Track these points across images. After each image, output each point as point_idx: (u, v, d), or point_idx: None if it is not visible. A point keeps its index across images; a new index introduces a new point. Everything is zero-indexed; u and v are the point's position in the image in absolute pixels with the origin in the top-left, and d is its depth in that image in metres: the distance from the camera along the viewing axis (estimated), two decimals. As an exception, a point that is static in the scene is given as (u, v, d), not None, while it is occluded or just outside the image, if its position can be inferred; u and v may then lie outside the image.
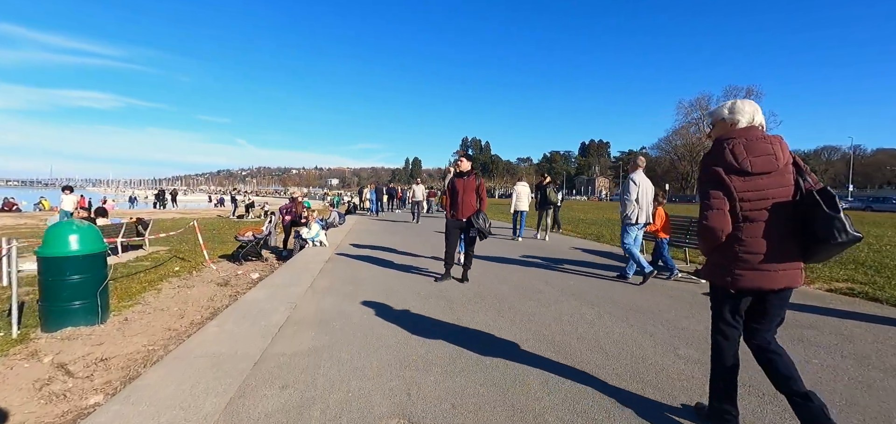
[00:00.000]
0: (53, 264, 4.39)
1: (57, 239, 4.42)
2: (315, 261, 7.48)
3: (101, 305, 4.69)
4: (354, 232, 12.98)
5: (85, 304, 4.54)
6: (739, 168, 2.00)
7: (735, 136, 2.07)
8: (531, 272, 6.80)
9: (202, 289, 6.54)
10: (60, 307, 4.42)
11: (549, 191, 11.16)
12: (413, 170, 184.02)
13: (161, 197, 31.31)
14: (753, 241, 2.03)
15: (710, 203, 2.04)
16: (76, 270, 4.48)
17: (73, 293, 4.47)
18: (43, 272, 4.40)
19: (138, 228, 10.03)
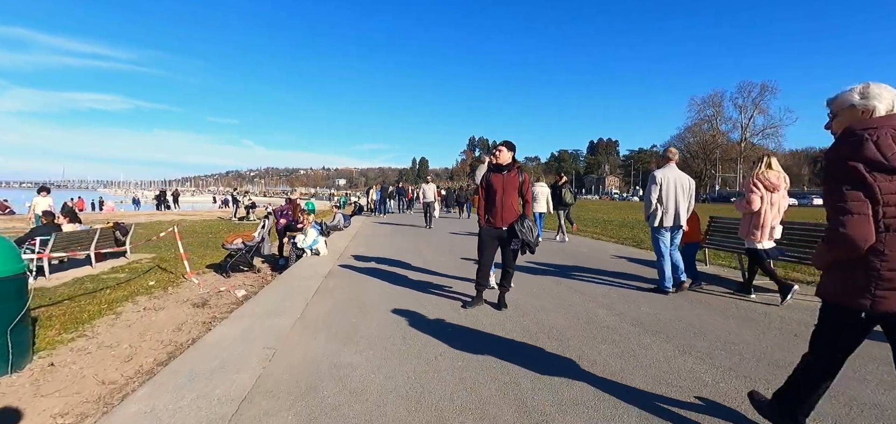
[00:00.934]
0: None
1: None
2: (312, 275, 6.22)
3: (16, 347, 3.46)
4: (360, 237, 11.73)
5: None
6: (887, 165, 1.69)
7: (876, 125, 1.75)
8: (579, 291, 5.48)
9: (172, 312, 5.31)
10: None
11: (565, 192, 10.93)
12: (420, 170, 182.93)
13: (162, 199, 30.42)
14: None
15: (849, 207, 1.74)
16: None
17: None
18: (-74, 306, 3.18)
19: (116, 234, 8.86)
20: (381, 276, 6.32)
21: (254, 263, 8.18)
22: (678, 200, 5.10)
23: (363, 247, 9.57)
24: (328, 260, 7.62)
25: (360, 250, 9.03)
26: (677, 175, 5.17)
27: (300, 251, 7.97)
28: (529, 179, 4.44)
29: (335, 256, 8.17)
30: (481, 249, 4.41)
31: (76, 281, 7.00)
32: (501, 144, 4.32)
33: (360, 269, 6.88)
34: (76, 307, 5.38)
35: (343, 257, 8.05)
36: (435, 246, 9.78)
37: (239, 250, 7.81)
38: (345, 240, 10.81)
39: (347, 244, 9.96)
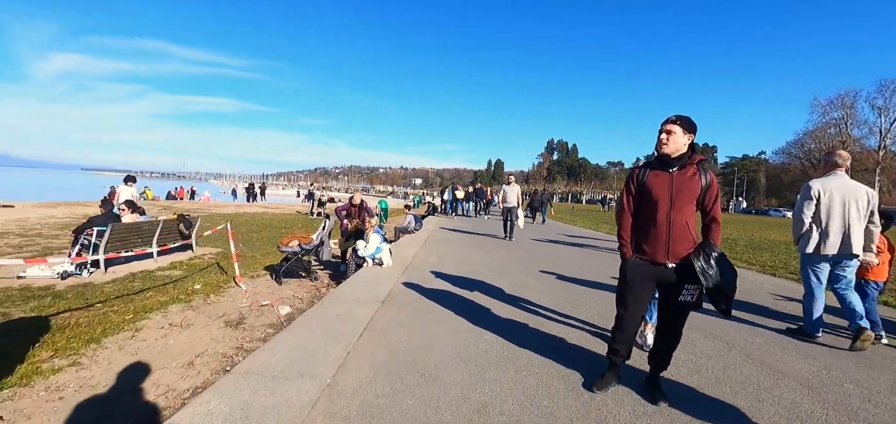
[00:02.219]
0: None
1: None
2: (367, 298, 4.89)
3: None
4: (431, 244, 10.38)
5: None
6: None
7: None
8: (747, 348, 3.46)
9: (197, 334, 4.27)
10: None
11: None
12: (495, 171, 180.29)
13: (251, 191, 32.28)
14: None
15: None
16: None
17: None
18: None
19: (180, 227, 8.42)
20: (453, 305, 4.79)
21: (312, 267, 7.15)
22: (849, 220, 3.88)
23: (434, 258, 8.16)
24: (391, 274, 6.29)
25: (431, 262, 7.62)
26: (847, 187, 3.94)
27: (361, 260, 6.76)
28: (717, 183, 2.57)
29: (400, 267, 6.84)
30: (624, 295, 2.62)
31: (128, 277, 6.44)
32: (673, 121, 2.49)
33: (428, 292, 5.41)
34: (99, 317, 4.58)
35: (409, 271, 6.68)
36: (520, 263, 8.07)
37: (295, 254, 6.81)
38: (414, 246, 9.52)
39: (416, 252, 8.63)
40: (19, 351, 3.57)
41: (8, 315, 4.53)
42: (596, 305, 5.06)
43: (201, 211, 18.78)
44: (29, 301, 5.03)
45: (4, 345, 3.69)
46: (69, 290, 5.60)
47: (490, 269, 7.22)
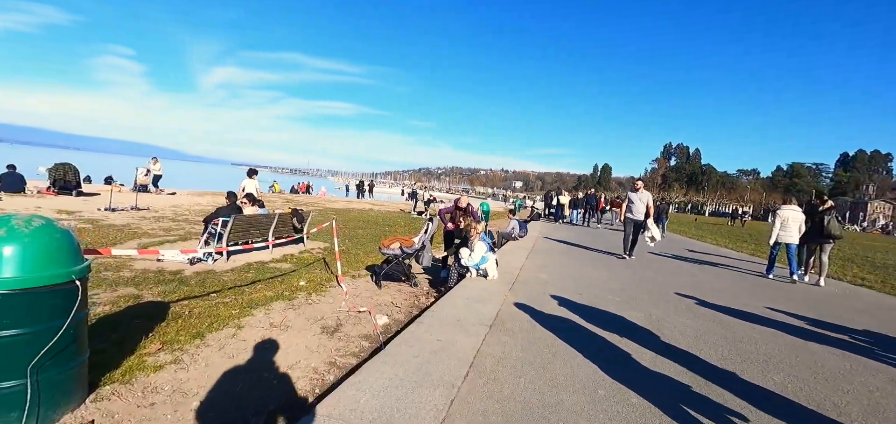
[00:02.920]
0: (-43, 302, 2.19)
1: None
2: (472, 320, 4.22)
3: (46, 392, 2.35)
4: (538, 255, 9.42)
5: (6, 392, 2.25)
6: None
7: None
8: None
9: (293, 339, 4.03)
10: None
11: (830, 220, 8.24)
12: (601, 177, 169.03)
13: (360, 188, 34.34)
14: None
15: None
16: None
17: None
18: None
19: (293, 221, 8.74)
20: (579, 342, 3.86)
21: (412, 271, 6.76)
22: None
23: (545, 274, 7.22)
24: (498, 289, 5.56)
25: (541, 278, 6.72)
26: None
27: (464, 269, 6.15)
28: None
29: (506, 281, 6.08)
30: None
31: (244, 267, 6.70)
32: None
33: (543, 318, 4.55)
34: (210, 308, 4.61)
35: (518, 288, 5.87)
36: (650, 287, 6.73)
37: (395, 257, 6.46)
38: (519, 256, 8.67)
39: (523, 264, 7.78)
40: (134, 340, 3.61)
41: (139, 298, 4.81)
42: (774, 355, 3.73)
43: (316, 205, 20.19)
44: (159, 285, 5.36)
45: (125, 332, 3.79)
46: (194, 276, 5.91)
47: (615, 293, 6.06)
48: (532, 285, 6.12)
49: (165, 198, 16.91)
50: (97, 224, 9.48)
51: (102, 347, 3.44)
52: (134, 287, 5.16)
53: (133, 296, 4.83)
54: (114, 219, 10.42)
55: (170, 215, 12.17)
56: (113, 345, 3.50)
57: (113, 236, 8.37)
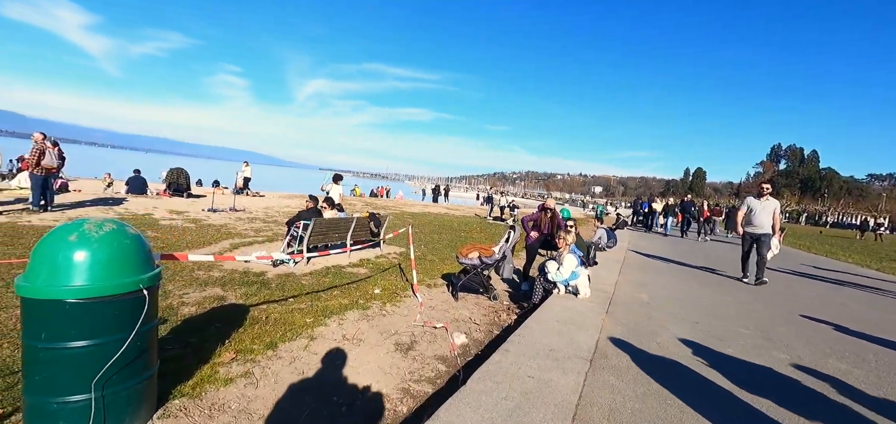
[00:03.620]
0: (35, 311, 2.11)
1: (48, 256, 2.12)
2: (567, 348, 3.57)
3: (111, 408, 2.21)
4: (632, 270, 8.36)
5: (73, 406, 2.13)
6: None
7: None
8: None
9: (365, 354, 3.72)
10: (39, 407, 2.13)
11: None
12: (693, 182, 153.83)
13: (436, 192, 34.60)
14: None
15: None
16: (62, 329, 2.09)
17: (55, 380, 2.11)
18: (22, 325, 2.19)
19: (371, 225, 8.68)
20: (711, 397, 3.02)
21: (491, 283, 6.23)
22: None
23: (645, 294, 6.27)
24: (592, 313, 4.82)
25: (643, 301, 5.81)
26: None
27: (550, 285, 5.48)
28: None
29: (601, 301, 5.29)
30: None
31: (322, 271, 6.67)
32: None
33: (655, 356, 3.75)
34: (286, 314, 4.50)
35: (616, 312, 5.07)
36: (793, 321, 5.50)
37: (474, 267, 5.99)
38: (610, 270, 7.73)
39: (616, 280, 6.87)
40: (211, 346, 3.53)
41: (224, 300, 4.86)
42: None
43: (393, 208, 20.53)
44: (243, 286, 5.43)
45: (204, 336, 3.75)
46: (275, 279, 5.96)
47: (738, 321, 4.99)
48: (632, 308, 5.27)
49: (259, 200, 18.23)
50: (199, 224, 10.27)
51: (181, 353, 3.39)
52: (220, 288, 5.27)
53: (218, 297, 4.90)
54: (213, 219, 11.26)
55: (262, 216, 12.95)
56: (191, 350, 3.44)
57: (211, 236, 8.96)
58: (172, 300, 4.64)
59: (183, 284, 5.24)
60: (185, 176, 16.09)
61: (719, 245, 15.88)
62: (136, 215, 10.59)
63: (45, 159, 9.34)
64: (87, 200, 12.29)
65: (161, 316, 4.06)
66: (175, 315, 4.20)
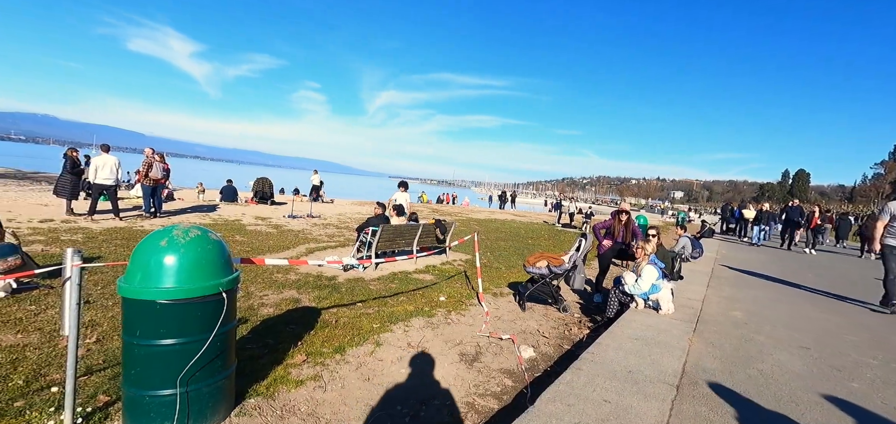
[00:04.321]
0: (131, 310, 2.31)
1: (142, 260, 2.31)
2: (649, 370, 3.23)
3: (195, 404, 2.35)
4: (726, 285, 7.50)
5: (162, 399, 2.29)
6: None
7: None
8: None
9: (433, 362, 3.66)
10: (134, 399, 2.32)
11: None
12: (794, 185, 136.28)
13: (502, 198, 34.16)
14: None
15: None
16: (155, 328, 2.27)
17: (148, 374, 2.29)
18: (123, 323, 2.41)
19: (437, 232, 8.71)
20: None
21: (560, 294, 5.92)
22: None
23: (739, 312, 5.57)
24: (677, 331, 4.35)
25: (737, 320, 5.17)
26: None
27: (627, 299, 5.06)
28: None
29: (687, 319, 4.77)
30: None
31: (389, 277, 6.79)
32: None
33: (756, 386, 3.25)
34: (354, 319, 4.59)
35: (705, 330, 4.54)
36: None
37: (542, 277, 5.73)
38: (696, 284, 7.00)
39: (704, 295, 6.19)
40: (285, 347, 3.69)
41: (298, 302, 5.10)
42: None
43: (459, 215, 20.57)
44: (316, 289, 5.67)
45: (279, 337, 3.93)
46: (345, 283, 6.16)
47: (869, 353, 4.20)
48: (725, 327, 4.68)
49: (333, 206, 19.24)
50: (280, 229, 11.03)
51: (258, 352, 3.57)
52: (296, 290, 5.55)
53: (293, 300, 5.15)
54: (292, 225, 12.04)
55: (335, 222, 13.61)
56: (267, 351, 3.62)
57: (290, 240, 9.56)
58: (253, 301, 4.96)
59: (263, 286, 5.59)
60: (269, 185, 17.45)
61: (832, 258, 13.84)
62: (227, 221, 11.64)
63: (153, 171, 10.59)
64: (188, 207, 13.77)
65: (242, 317, 4.35)
66: (255, 316, 4.46)
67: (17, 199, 11.93)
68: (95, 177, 9.79)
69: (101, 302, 4.43)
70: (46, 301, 4.32)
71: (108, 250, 6.89)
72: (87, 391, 2.73)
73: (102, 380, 2.90)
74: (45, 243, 6.96)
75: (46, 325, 3.76)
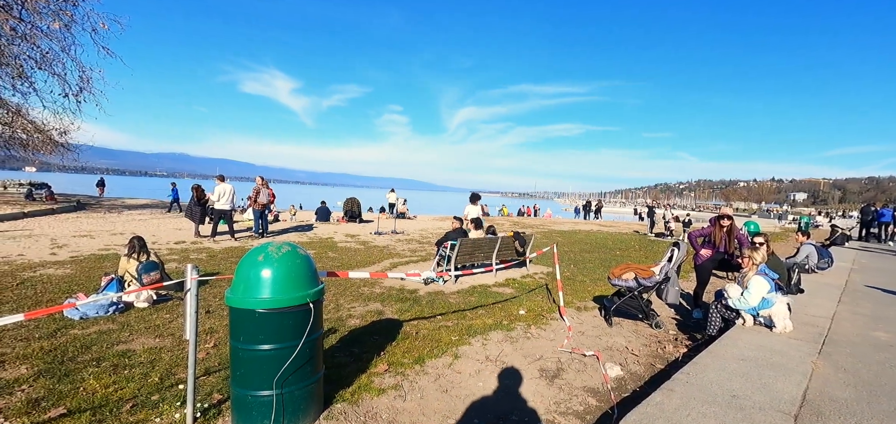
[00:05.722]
0: (236, 318, 2.63)
1: (244, 273, 2.63)
2: (760, 395, 2.83)
3: (289, 405, 2.58)
4: (864, 300, 6.35)
5: (262, 400, 2.55)
6: None
7: None
8: None
9: (511, 377, 3.60)
10: (240, 398, 2.62)
11: None
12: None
13: (586, 208, 32.50)
14: None
15: None
16: (255, 334, 2.55)
17: (250, 376, 2.57)
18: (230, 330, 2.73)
19: (516, 244, 8.58)
20: None
21: (653, 309, 5.46)
22: None
23: (884, 333, 4.65)
24: (797, 353, 3.76)
25: (881, 341, 4.33)
26: None
27: (732, 314, 4.51)
28: None
29: (811, 339, 4.10)
30: None
31: (468, 290, 6.83)
32: None
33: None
34: (434, 331, 4.69)
35: (834, 353, 3.87)
36: None
37: (629, 290, 5.34)
38: (825, 299, 5.99)
39: (834, 312, 5.28)
40: (369, 356, 3.89)
41: (382, 314, 5.36)
42: None
43: (540, 227, 20.04)
44: (399, 302, 5.91)
45: (364, 347, 4.16)
46: (426, 296, 6.33)
47: None
48: (862, 350, 3.93)
49: (415, 222, 19.94)
50: (367, 245, 11.71)
51: (345, 360, 3.81)
52: (380, 303, 5.83)
53: (377, 312, 5.42)
54: (378, 241, 12.71)
55: (418, 237, 14.09)
56: (353, 359, 3.84)
57: (376, 256, 10.10)
58: (342, 312, 5.32)
59: (351, 298, 5.96)
60: (357, 204, 18.66)
61: None
62: (321, 239, 12.67)
63: (261, 196, 11.94)
64: (289, 228, 15.25)
65: (332, 327, 4.68)
66: (343, 326, 4.78)
67: (159, 224, 14.23)
68: (217, 203, 11.32)
69: (219, 312, 5.07)
70: (178, 310, 5.07)
71: (225, 266, 7.89)
72: (205, 389, 3.14)
73: (217, 380, 3.31)
74: (179, 261, 8.18)
75: (177, 331, 4.40)
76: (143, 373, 3.40)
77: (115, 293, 5.06)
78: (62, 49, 14.25)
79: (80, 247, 9.36)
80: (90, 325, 4.48)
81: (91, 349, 3.85)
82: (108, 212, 17.61)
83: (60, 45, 14.17)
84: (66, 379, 3.25)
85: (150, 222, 15.04)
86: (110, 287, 5.24)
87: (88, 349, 3.87)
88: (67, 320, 4.56)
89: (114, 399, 2.97)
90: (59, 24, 13.11)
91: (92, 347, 3.90)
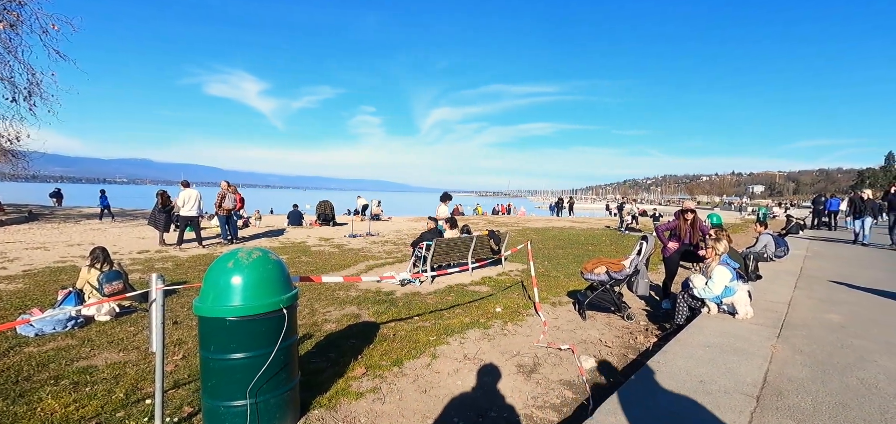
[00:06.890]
0: (206, 327, 2.54)
1: (213, 281, 2.54)
2: (724, 380, 2.96)
3: (264, 414, 2.52)
4: (818, 285, 6.73)
5: (235, 410, 2.48)
6: None
7: None
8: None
9: (489, 374, 3.62)
10: (212, 409, 2.53)
11: None
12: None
13: (558, 206, 33.14)
14: None
15: None
16: (226, 343, 2.47)
17: (222, 386, 2.50)
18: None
19: (491, 243, 8.66)
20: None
21: (624, 301, 5.63)
22: None
23: (836, 315, 4.95)
24: (757, 337, 3.96)
25: (833, 322, 4.60)
26: None
27: (697, 303, 4.70)
28: None
29: (770, 323, 4.32)
30: None
31: (445, 290, 6.84)
32: None
33: (859, 404, 2.88)
34: (411, 332, 4.68)
35: (792, 335, 4.09)
36: None
37: (602, 284, 5.48)
38: (782, 285, 6.33)
39: (791, 297, 5.58)
40: (346, 361, 3.84)
41: (358, 317, 5.30)
42: None
43: (514, 225, 20.29)
44: (375, 305, 5.86)
45: (340, 351, 4.10)
46: (402, 298, 6.30)
47: None
48: (817, 332, 4.18)
49: (390, 224, 19.81)
50: (341, 248, 11.55)
51: (321, 366, 3.75)
52: (356, 306, 5.76)
53: (354, 315, 5.36)
54: (353, 244, 12.56)
55: (393, 239, 14.01)
56: (329, 364, 3.79)
57: (351, 258, 9.97)
58: (317, 317, 5.23)
59: (327, 302, 5.87)
60: (331, 207, 18.38)
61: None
62: (294, 243, 12.41)
63: (226, 201, 11.59)
64: (260, 232, 14.86)
65: (307, 332, 4.60)
66: (319, 331, 4.70)
67: (120, 234, 13.58)
68: (182, 210, 10.90)
69: (187, 323, 4.89)
70: (143, 323, 4.86)
71: (193, 275, 7.61)
72: (174, 403, 3.03)
73: (187, 393, 3.20)
74: (142, 271, 7.84)
75: (143, 344, 4.22)
76: (106, 390, 3.24)
77: (74, 306, 4.80)
78: (8, 51, 13.43)
79: (33, 260, 8.83)
80: (47, 342, 4.23)
81: (49, 367, 3.64)
82: (64, 222, 16.67)
83: (6, 48, 13.34)
84: (21, 400, 3.06)
85: (109, 231, 14.33)
86: (68, 301, 4.97)
87: (46, 366, 3.65)
88: (21, 337, 4.29)
89: (75, 419, 2.82)
90: (4, 25, 12.33)
91: (49, 365, 3.69)
